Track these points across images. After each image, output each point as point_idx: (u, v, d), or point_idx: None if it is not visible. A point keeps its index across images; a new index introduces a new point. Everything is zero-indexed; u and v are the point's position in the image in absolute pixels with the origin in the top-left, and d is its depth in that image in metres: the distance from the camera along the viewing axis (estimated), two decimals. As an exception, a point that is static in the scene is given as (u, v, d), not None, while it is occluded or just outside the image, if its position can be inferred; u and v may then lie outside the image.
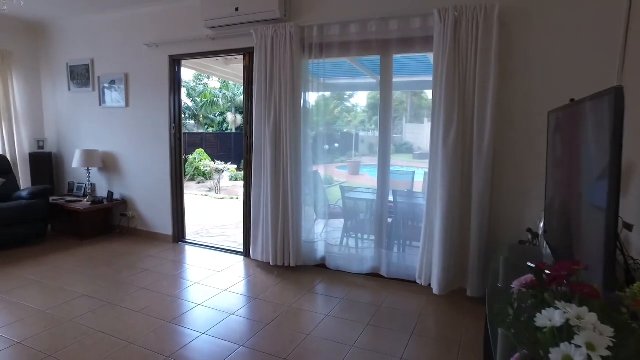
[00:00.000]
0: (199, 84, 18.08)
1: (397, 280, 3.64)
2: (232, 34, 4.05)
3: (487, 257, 3.18)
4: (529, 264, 2.07)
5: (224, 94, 17.28)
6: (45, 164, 5.52)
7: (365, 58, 4.30)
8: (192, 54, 4.44)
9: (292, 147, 3.73)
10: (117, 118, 5.04)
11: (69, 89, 5.36)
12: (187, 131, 16.54)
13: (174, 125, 4.68)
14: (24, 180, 5.41)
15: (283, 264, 3.88)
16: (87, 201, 4.94)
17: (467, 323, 2.90)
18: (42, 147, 5.60)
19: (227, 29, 4.02)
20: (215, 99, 17.14)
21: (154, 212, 4.94)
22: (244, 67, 4.16)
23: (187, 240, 4.88)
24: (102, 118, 5.17)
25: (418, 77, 4.66)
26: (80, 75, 5.22)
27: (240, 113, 17.87)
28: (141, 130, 4.88)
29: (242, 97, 16.89)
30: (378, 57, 3.67)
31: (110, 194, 5.04)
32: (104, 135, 5.20)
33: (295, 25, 3.64)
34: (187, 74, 17.63)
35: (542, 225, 2.82)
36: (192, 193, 9.90)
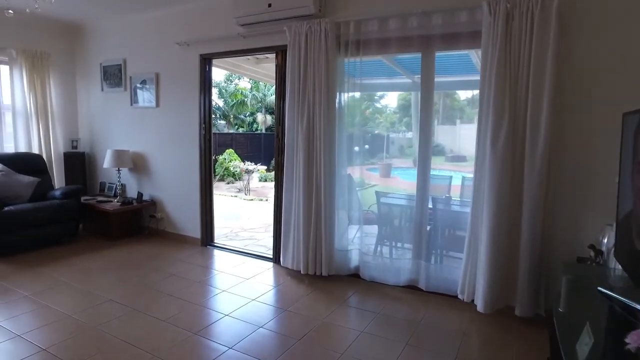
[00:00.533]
0: (230, 84, 18.20)
1: (436, 294, 3.39)
2: (264, 32, 3.90)
3: (538, 274, 2.88)
4: (601, 290, 1.80)
5: (254, 94, 17.31)
6: (79, 163, 5.55)
7: (402, 56, 4.07)
8: (223, 52, 4.33)
9: (326, 148, 3.54)
10: (148, 118, 5.00)
11: (102, 89, 5.37)
12: (217, 131, 16.67)
13: (204, 126, 4.58)
14: (59, 179, 5.45)
15: (314, 273, 3.70)
16: (117, 202, 4.92)
17: (517, 347, 2.62)
18: (76, 147, 5.64)
19: (259, 27, 3.88)
20: (246, 99, 17.18)
21: (182, 214, 4.86)
22: (276, 65, 4.00)
23: (215, 244, 4.77)
24: (133, 118, 5.15)
25: (459, 77, 4.38)
26: (113, 76, 5.21)
27: (270, 113, 17.86)
28: (171, 130, 4.81)
29: (272, 97, 16.96)
30: (418, 54, 3.44)
31: (140, 194, 5.00)
32: (134, 135, 5.17)
33: (331, 21, 3.45)
34: (218, 74, 17.81)
35: (605, 241, 2.51)
36: (222, 194, 9.88)
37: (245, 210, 7.77)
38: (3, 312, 2.94)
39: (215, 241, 4.83)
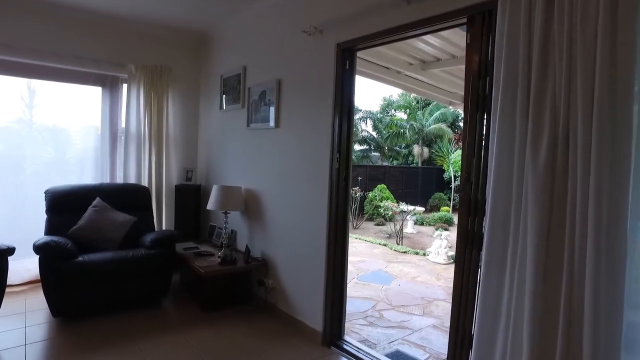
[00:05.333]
0: (386, 115, 16.82)
1: None
2: (449, -17, 2.10)
3: None
4: None
5: (411, 124, 15.45)
6: (192, 199, 4.48)
7: None
8: (373, 34, 2.61)
9: (599, 206, 1.48)
10: (265, 143, 3.61)
11: (221, 107, 4.24)
12: (370, 163, 15.30)
13: (337, 156, 2.93)
14: (168, 217, 4.47)
15: None
16: (218, 256, 3.57)
17: None
18: (190, 179, 4.61)
19: (438, -24, 2.10)
20: (402, 130, 15.46)
21: (299, 287, 3.24)
22: (467, 46, 2.13)
23: (344, 344, 2.97)
24: (248, 143, 3.83)
25: None
26: (232, 89, 4.02)
27: (428, 145, 15.75)
28: (291, 161, 3.30)
29: (431, 127, 14.84)
30: None
31: (247, 250, 3.56)
32: (248, 166, 3.83)
33: None
34: (373, 104, 16.69)
35: None
36: (368, 239, 8.18)
37: (395, 268, 5.86)
38: None
39: (344, 336, 3.05)
